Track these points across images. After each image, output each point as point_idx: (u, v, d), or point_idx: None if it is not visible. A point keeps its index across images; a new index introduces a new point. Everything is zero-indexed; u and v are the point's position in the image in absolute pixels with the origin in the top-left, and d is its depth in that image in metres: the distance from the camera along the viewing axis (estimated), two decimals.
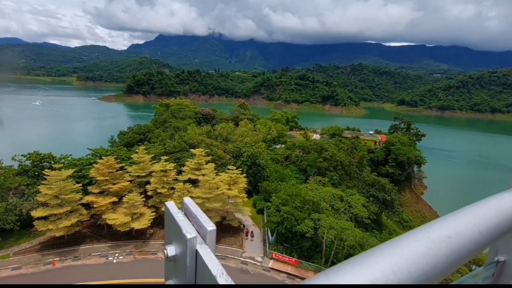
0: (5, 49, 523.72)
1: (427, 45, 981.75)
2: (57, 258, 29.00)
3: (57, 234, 29.56)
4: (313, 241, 31.62)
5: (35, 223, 29.46)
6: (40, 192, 29.88)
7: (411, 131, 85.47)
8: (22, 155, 37.61)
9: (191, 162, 38.20)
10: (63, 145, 73.68)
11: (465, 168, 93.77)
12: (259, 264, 30.85)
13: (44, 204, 30.23)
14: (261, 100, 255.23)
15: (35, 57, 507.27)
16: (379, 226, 48.15)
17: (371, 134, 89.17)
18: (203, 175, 34.66)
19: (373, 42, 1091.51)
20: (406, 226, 56.89)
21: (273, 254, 31.63)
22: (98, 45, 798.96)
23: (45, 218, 29.69)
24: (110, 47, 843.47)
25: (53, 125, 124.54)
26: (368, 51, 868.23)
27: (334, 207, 35.64)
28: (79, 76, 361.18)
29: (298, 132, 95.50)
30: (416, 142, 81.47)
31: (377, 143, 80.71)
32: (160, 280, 26.87)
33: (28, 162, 37.81)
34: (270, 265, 30.57)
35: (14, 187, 32.32)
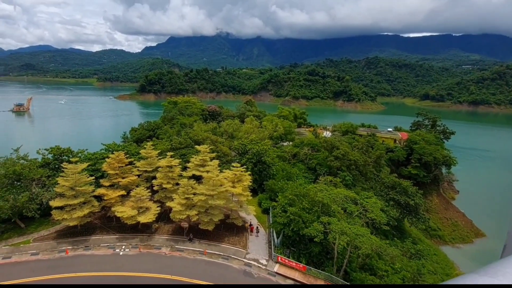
0: (38, 55, 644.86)
1: (454, 35, 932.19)
2: (70, 247, 32.07)
3: (71, 224, 32.72)
4: (323, 247, 30.45)
5: (53, 212, 32.86)
6: (58, 183, 33.31)
7: (438, 128, 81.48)
8: (45, 149, 42.26)
9: (195, 158, 39.84)
10: (81, 140, 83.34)
11: (505, 170, 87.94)
12: (263, 267, 29.95)
13: (61, 195, 33.51)
14: (269, 96, 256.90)
15: (62, 62, 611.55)
16: (401, 233, 45.94)
17: (389, 131, 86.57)
18: (207, 171, 35.80)
19: (389, 33, 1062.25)
20: (434, 235, 53.79)
21: (279, 258, 30.52)
22: (116, 49, 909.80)
23: (61, 208, 32.95)
24: (126, 50, 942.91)
25: (74, 121, 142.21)
26: (385, 43, 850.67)
27: (347, 211, 34.45)
28: (99, 77, 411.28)
29: (307, 129, 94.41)
30: (444, 140, 77.49)
31: (397, 141, 78.08)
32: (164, 276, 28.21)
33: (50, 156, 42.35)
34: (275, 270, 29.50)
35: (37, 178, 36.41)
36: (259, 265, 30.46)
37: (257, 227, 36.70)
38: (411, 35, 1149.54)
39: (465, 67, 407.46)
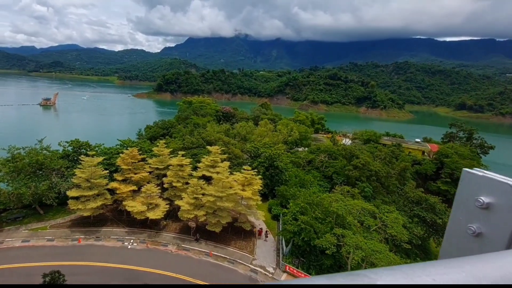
0: (66, 54, 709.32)
1: (497, 39, 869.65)
2: (83, 236, 34.86)
3: (85, 214, 35.47)
4: (336, 260, 29.94)
5: (69, 201, 35.90)
6: (76, 174, 36.45)
7: (474, 141, 77.55)
8: (65, 142, 46.29)
9: (206, 159, 41.23)
10: (99, 135, 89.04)
11: None
12: (270, 275, 30.26)
13: (78, 186, 36.58)
14: (286, 100, 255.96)
15: (87, 60, 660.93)
16: (425, 253, 44.25)
17: (417, 142, 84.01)
18: (217, 173, 36.87)
19: (423, 37, 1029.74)
20: None
21: (287, 267, 30.57)
22: (137, 49, 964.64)
23: (77, 198, 35.91)
24: (146, 50, 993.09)
25: (94, 117, 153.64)
26: (416, 47, 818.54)
27: (364, 224, 33.74)
28: (119, 76, 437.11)
29: (324, 135, 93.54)
30: (481, 155, 73.70)
31: (425, 153, 75.98)
32: (168, 273, 29.29)
33: (69, 148, 46.29)
34: (282, 279, 29.60)
35: (57, 169, 40.03)
36: (266, 272, 30.57)
37: (266, 231, 37.06)
38: (448, 39, 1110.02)
39: (510, 76, 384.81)
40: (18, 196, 35.27)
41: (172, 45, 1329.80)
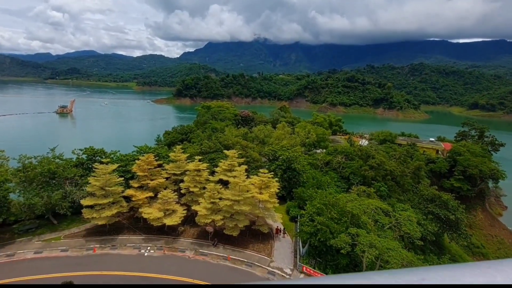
0: (83, 60, 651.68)
1: (508, 40, 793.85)
2: (98, 245, 31.59)
3: (100, 223, 32.21)
4: (352, 259, 28.05)
5: (83, 210, 32.66)
6: (90, 183, 33.16)
7: (485, 139, 73.89)
8: (79, 149, 42.33)
9: (224, 163, 37.90)
10: (117, 141, 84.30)
11: None
12: (287, 277, 28.35)
13: (92, 194, 33.31)
14: (305, 103, 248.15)
15: (105, 66, 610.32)
16: (440, 249, 41.97)
17: (432, 141, 78.84)
18: (234, 176, 33.88)
19: (436, 39, 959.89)
20: (477, 252, 48.87)
21: (304, 268, 28.94)
22: (156, 54, 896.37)
23: (91, 207, 32.67)
24: (165, 56, 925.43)
25: (112, 124, 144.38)
26: (431, 49, 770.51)
27: (378, 223, 31.27)
28: (138, 82, 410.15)
29: (342, 136, 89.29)
30: (492, 152, 70.27)
31: (439, 152, 71.21)
32: (185, 279, 26.84)
33: (84, 156, 42.42)
34: None
35: (70, 177, 36.68)
36: (283, 274, 28.58)
37: (283, 228, 35.20)
38: (460, 40, 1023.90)
39: None
40: (30, 207, 31.99)
41: (192, 50, 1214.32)
